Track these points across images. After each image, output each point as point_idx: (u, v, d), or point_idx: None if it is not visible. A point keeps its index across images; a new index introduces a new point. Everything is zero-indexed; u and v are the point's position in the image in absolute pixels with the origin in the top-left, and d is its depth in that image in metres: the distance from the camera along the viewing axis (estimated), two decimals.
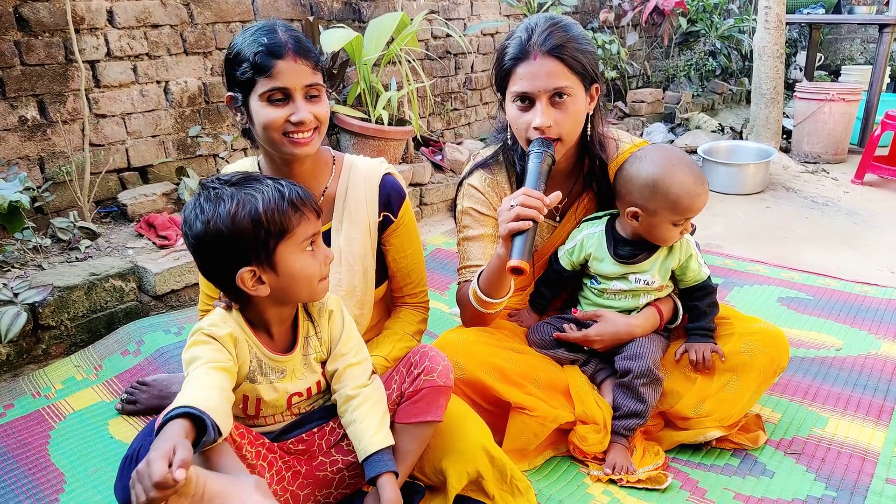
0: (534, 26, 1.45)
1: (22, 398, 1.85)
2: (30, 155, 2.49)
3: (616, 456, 1.51)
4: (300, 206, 1.14)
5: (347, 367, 1.26)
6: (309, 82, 1.30)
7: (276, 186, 1.13)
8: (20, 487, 1.51)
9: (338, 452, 1.27)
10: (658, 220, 1.52)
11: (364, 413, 1.22)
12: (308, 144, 1.33)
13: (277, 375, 1.22)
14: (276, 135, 1.31)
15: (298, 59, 1.28)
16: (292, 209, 1.13)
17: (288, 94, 1.29)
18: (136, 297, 2.27)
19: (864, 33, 6.69)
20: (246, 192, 1.11)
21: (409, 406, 1.26)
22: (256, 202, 1.10)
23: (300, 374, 1.25)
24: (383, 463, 1.19)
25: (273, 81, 1.27)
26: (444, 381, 1.26)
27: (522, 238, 1.33)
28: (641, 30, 5.53)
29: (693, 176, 1.50)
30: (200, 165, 3.02)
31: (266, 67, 1.26)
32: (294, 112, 1.29)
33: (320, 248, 1.20)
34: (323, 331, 1.27)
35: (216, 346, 1.13)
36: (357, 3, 3.59)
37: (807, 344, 2.13)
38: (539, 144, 1.43)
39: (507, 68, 1.46)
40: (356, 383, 1.25)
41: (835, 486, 1.48)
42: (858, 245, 3.09)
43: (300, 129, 1.30)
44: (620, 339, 1.59)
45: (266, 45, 1.26)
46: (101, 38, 2.60)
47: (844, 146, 4.57)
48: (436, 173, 3.67)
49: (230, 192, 1.11)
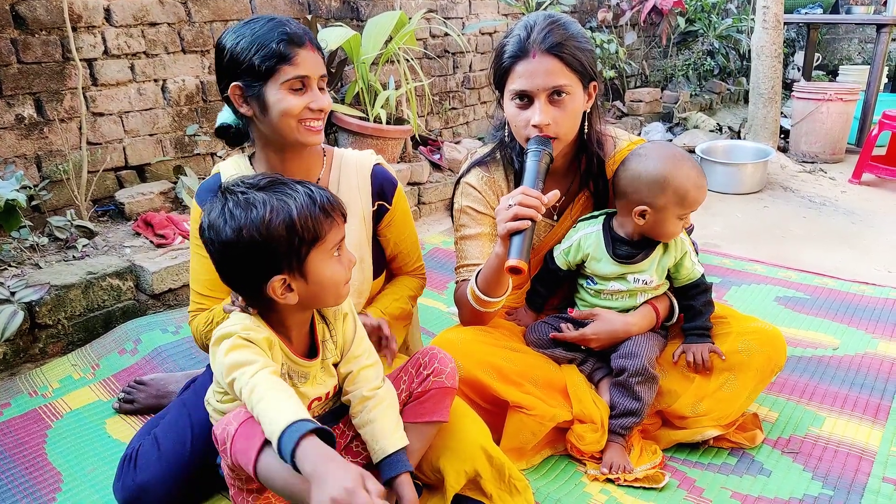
0: (533, 24, 1.45)
1: (19, 397, 1.85)
2: (27, 153, 2.48)
3: (613, 455, 1.51)
4: (331, 211, 1.11)
5: (362, 369, 1.26)
6: (323, 72, 1.37)
7: (306, 192, 1.09)
8: (17, 487, 1.50)
9: (347, 454, 1.27)
10: (666, 215, 1.52)
11: (380, 414, 1.22)
12: (319, 133, 1.39)
13: (301, 380, 1.20)
14: (294, 122, 1.34)
15: (316, 51, 1.34)
16: (324, 215, 1.09)
17: (305, 83, 1.34)
18: (134, 295, 2.26)
19: (862, 33, 6.70)
20: (278, 197, 1.07)
21: (416, 406, 1.28)
22: (290, 209, 1.06)
23: (321, 380, 1.24)
24: (402, 463, 1.19)
25: (296, 70, 1.31)
26: (451, 382, 1.28)
27: (521, 237, 1.33)
28: (640, 29, 5.53)
29: (696, 169, 1.53)
30: (198, 164, 3.02)
31: (289, 56, 1.30)
32: (314, 100, 1.34)
33: (345, 252, 1.18)
34: (338, 333, 1.27)
35: (257, 350, 1.08)
36: (355, 2, 3.58)
37: (804, 343, 2.13)
38: (537, 143, 1.43)
39: (506, 66, 1.46)
40: (371, 385, 1.24)
41: (832, 485, 1.48)
42: (856, 244, 3.10)
43: (318, 116, 1.36)
44: (617, 337, 1.59)
45: (289, 35, 1.31)
46: (98, 36, 2.60)
47: (842, 146, 4.58)
48: (434, 172, 3.67)
49: (262, 197, 1.06)
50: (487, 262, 1.47)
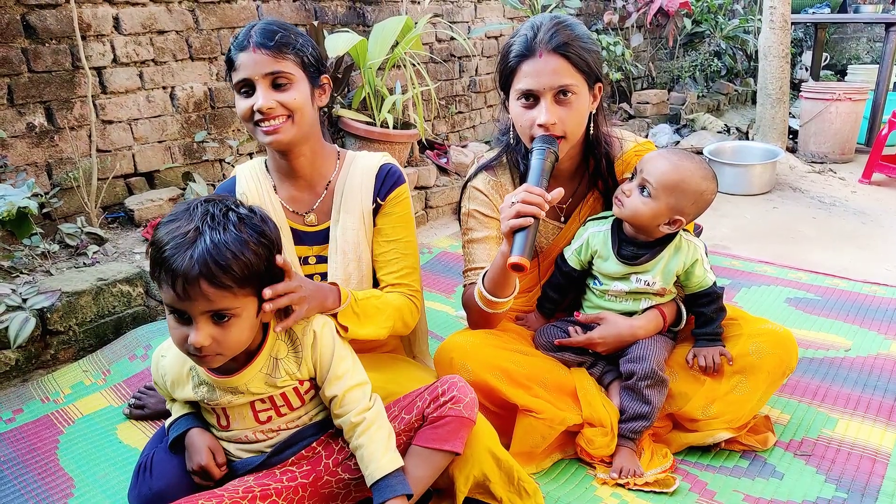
0: (539, 24, 1.45)
1: (31, 403, 1.86)
2: (37, 161, 2.51)
3: (623, 460, 1.50)
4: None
5: (348, 391, 1.20)
6: (269, 70, 1.33)
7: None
8: (30, 492, 1.51)
9: (344, 472, 1.24)
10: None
11: (368, 439, 1.18)
12: (278, 132, 1.36)
13: (224, 394, 1.19)
14: (249, 125, 1.38)
15: (258, 50, 1.33)
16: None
17: (250, 85, 1.34)
18: (144, 301, 2.27)
19: (871, 32, 6.66)
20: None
21: (430, 430, 1.23)
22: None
23: (257, 388, 1.19)
24: (391, 488, 1.14)
25: (238, 74, 1.35)
26: (469, 413, 1.23)
27: (523, 235, 1.32)
28: (646, 31, 5.52)
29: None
30: (207, 170, 3.04)
31: (232, 62, 1.35)
32: (255, 101, 1.34)
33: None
34: (305, 351, 1.20)
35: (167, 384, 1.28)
36: (361, 8, 3.60)
37: (815, 345, 2.12)
38: (542, 141, 1.43)
39: (513, 66, 1.47)
40: (359, 407, 1.20)
41: (845, 488, 1.47)
42: (867, 245, 3.07)
43: (266, 116, 1.34)
44: (623, 341, 1.58)
45: (236, 41, 1.34)
46: (107, 44, 2.62)
47: (851, 146, 4.55)
48: (441, 176, 3.68)
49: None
50: (494, 261, 1.47)
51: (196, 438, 1.23)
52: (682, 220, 1.53)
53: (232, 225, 1.04)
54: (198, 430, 1.25)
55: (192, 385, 1.22)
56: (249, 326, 1.10)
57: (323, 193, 1.50)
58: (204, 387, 1.21)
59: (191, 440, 1.24)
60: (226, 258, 1.01)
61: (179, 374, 1.23)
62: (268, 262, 1.09)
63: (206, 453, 1.21)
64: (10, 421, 1.79)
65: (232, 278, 1.02)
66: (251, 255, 1.05)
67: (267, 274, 1.10)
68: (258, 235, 1.07)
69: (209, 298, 1.02)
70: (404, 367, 1.59)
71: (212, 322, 1.05)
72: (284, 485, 1.19)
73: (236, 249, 1.03)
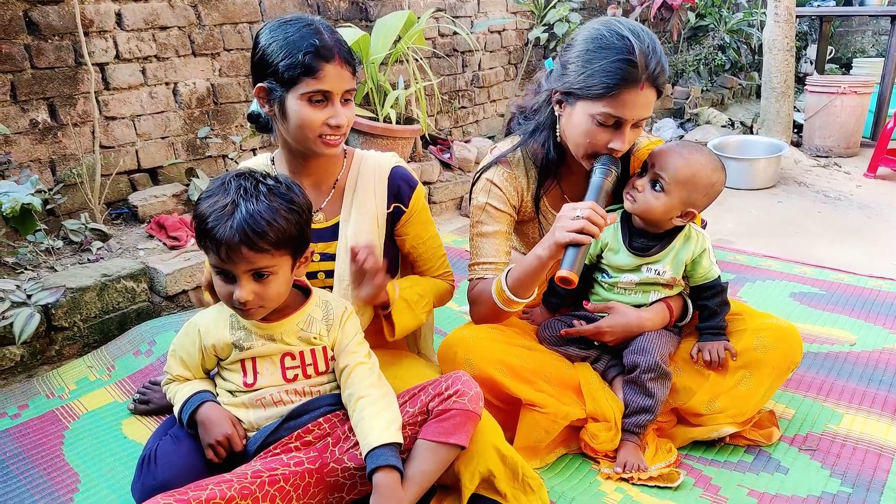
0: (648, 51, 1.36)
1: (36, 399, 1.87)
2: (41, 158, 2.51)
3: (627, 454, 1.50)
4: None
5: (358, 365, 1.29)
6: (348, 87, 1.35)
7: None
8: (35, 487, 1.52)
9: (350, 460, 1.25)
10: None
11: (374, 412, 1.21)
12: (337, 146, 1.39)
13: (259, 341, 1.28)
14: (312, 134, 1.34)
15: (344, 65, 1.32)
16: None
17: (328, 97, 1.33)
18: (148, 297, 2.28)
19: (876, 25, 6.61)
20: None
21: (435, 424, 1.24)
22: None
23: (289, 341, 1.28)
24: (384, 457, 1.16)
25: (319, 84, 1.30)
26: (474, 407, 1.25)
27: (577, 250, 1.34)
28: (650, 25, 5.49)
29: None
30: (210, 166, 3.04)
31: (314, 70, 1.29)
32: (333, 116, 1.33)
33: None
34: (335, 322, 1.32)
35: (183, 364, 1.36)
36: (364, 3, 3.59)
37: (820, 339, 2.11)
38: (609, 161, 1.45)
39: (614, 93, 1.36)
40: (366, 382, 1.26)
41: (850, 483, 1.47)
42: (872, 239, 3.06)
43: (336, 131, 1.35)
44: (631, 331, 1.58)
45: (316, 48, 1.29)
46: (109, 40, 2.62)
47: (856, 139, 4.53)
48: (444, 171, 3.67)
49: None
50: (524, 262, 1.45)
51: (214, 411, 1.26)
52: (694, 212, 1.54)
53: (263, 196, 1.17)
54: (213, 403, 1.28)
55: (230, 328, 1.28)
56: (285, 281, 1.24)
57: (330, 192, 1.50)
58: (241, 331, 1.28)
59: (206, 415, 1.26)
60: (261, 225, 1.14)
61: (217, 320, 1.30)
62: (298, 225, 1.20)
63: (228, 423, 1.24)
64: (15, 416, 1.79)
65: (268, 242, 1.16)
66: (283, 221, 1.17)
67: (299, 236, 1.22)
68: (287, 203, 1.19)
69: (249, 260, 1.16)
70: (410, 362, 1.59)
71: (253, 279, 1.18)
72: (291, 469, 1.20)
73: (269, 217, 1.15)
